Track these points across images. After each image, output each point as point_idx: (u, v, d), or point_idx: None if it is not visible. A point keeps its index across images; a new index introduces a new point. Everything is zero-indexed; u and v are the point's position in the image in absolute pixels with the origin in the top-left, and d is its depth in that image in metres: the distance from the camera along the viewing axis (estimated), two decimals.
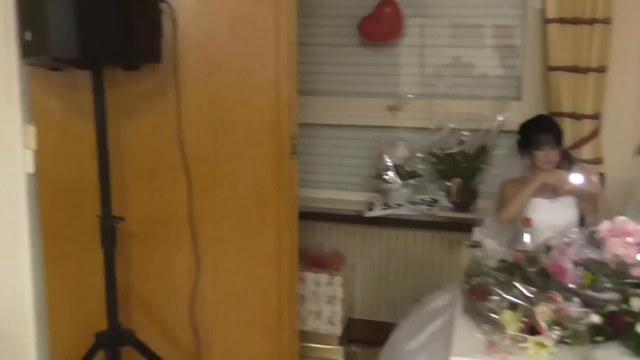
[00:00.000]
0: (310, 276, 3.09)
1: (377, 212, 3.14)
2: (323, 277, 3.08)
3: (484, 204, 3.03)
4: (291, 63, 2.25)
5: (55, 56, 1.89)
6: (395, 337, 2.63)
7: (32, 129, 2.30)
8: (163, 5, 2.17)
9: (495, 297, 1.74)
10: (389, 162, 3.13)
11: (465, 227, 2.70)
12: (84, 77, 2.25)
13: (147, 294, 2.42)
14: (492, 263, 1.94)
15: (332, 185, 3.42)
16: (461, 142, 3.07)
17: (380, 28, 3.10)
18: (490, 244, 2.41)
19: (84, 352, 2.22)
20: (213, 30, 2.24)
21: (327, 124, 3.35)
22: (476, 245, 2.43)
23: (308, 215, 3.04)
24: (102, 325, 2.25)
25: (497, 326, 1.69)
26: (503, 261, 1.96)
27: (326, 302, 3.10)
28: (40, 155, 2.33)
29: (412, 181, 3.13)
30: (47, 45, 1.88)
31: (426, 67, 3.23)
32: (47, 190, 2.36)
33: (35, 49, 1.94)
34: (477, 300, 1.79)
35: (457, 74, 3.19)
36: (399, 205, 3.13)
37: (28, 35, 1.94)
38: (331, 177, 3.43)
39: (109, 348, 2.20)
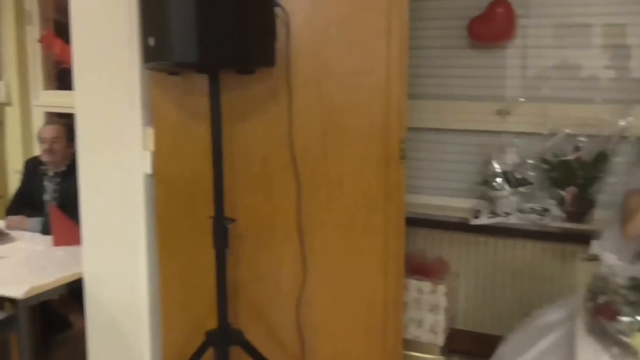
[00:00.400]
0: (413, 283, 3.03)
1: (484, 220, 3.04)
2: (426, 285, 3.02)
3: (601, 215, 2.85)
4: (402, 66, 2.21)
5: (177, 61, 1.95)
6: (503, 351, 2.52)
7: (150, 131, 2.40)
8: (278, 10, 2.19)
9: (625, 319, 1.62)
10: (497, 168, 3.02)
11: (580, 238, 2.56)
12: (200, 81, 2.33)
13: (255, 295, 2.46)
14: (620, 280, 1.81)
15: (436, 191, 3.34)
16: (577, 149, 2.90)
17: (491, 29, 2.99)
18: (609, 258, 2.25)
19: (194, 348, 2.28)
20: (324, 33, 2.23)
21: (431, 127, 3.28)
22: (593, 258, 2.28)
23: (411, 221, 2.96)
24: (212, 323, 2.30)
25: (628, 350, 1.57)
26: (634, 279, 1.82)
27: (428, 311, 3.03)
28: (157, 157, 2.42)
29: (522, 189, 3.00)
30: (169, 51, 1.95)
31: (537, 69, 3.08)
32: (163, 191, 2.45)
33: (157, 54, 2.02)
34: (604, 320, 1.67)
35: (570, 76, 3.03)
36: (507, 213, 3.01)
37: (151, 41, 2.02)
38: (435, 182, 3.35)
39: (219, 347, 2.25)
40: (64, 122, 3.34)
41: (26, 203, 3.32)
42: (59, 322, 3.47)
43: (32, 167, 3.33)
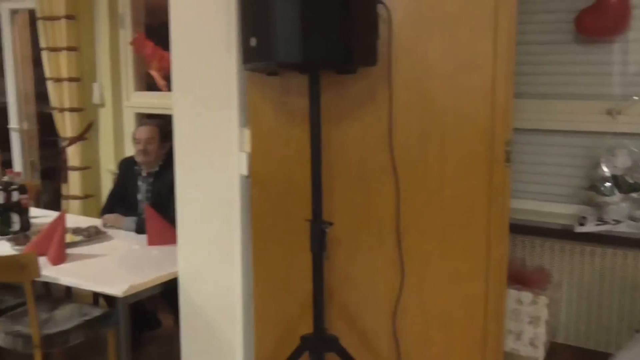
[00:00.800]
0: (512, 293, 2.87)
1: (590, 227, 2.84)
2: (526, 295, 2.86)
3: None
4: (509, 64, 2.08)
5: (280, 61, 1.91)
6: None
7: (247, 132, 2.37)
8: (380, 7, 2.12)
9: None
10: (606, 172, 2.82)
11: None
12: (297, 81, 2.29)
13: (348, 300, 2.39)
14: None
15: (537, 195, 3.16)
16: None
17: (602, 21, 2.79)
18: None
19: (286, 351, 2.24)
20: (426, 31, 2.14)
21: (534, 128, 3.10)
22: None
23: (511, 228, 2.82)
24: (304, 327, 2.26)
25: None
26: None
27: (528, 323, 2.87)
28: (253, 158, 2.40)
29: (634, 194, 2.79)
30: (272, 51, 1.91)
31: None
32: (259, 192, 2.42)
33: (259, 54, 1.98)
34: None
35: None
36: (617, 221, 2.81)
37: (253, 42, 1.98)
38: (536, 187, 3.17)
39: (314, 352, 2.20)
40: (157, 123, 3.40)
41: (120, 202, 3.40)
42: (149, 319, 3.53)
43: (127, 167, 3.40)
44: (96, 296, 3.52)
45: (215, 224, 2.48)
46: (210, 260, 2.52)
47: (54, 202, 4.66)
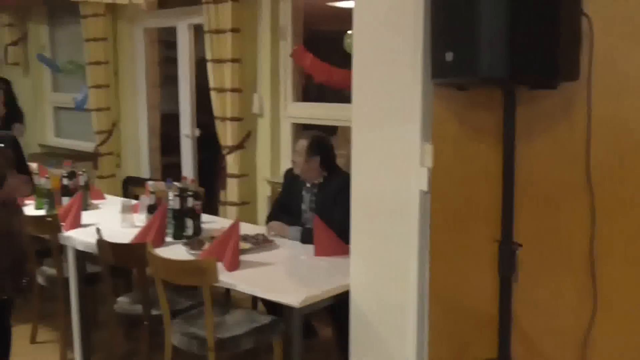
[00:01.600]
0: None
1: None
2: None
3: None
4: None
5: (483, 76, 1.85)
6: None
7: (429, 147, 2.33)
8: (583, 19, 1.99)
9: None
10: None
11: None
12: (484, 96, 2.21)
13: (529, 326, 2.26)
14: None
15: None
16: None
17: None
18: None
19: None
20: (625, 43, 1.97)
21: None
22: None
23: None
24: (479, 351, 2.16)
25: None
26: None
27: None
28: (435, 174, 2.34)
29: None
30: (473, 65, 1.85)
31: None
32: (439, 209, 2.36)
33: (456, 68, 1.93)
34: None
35: None
36: None
37: (448, 56, 1.94)
38: None
39: None
40: (309, 137, 3.42)
41: (285, 211, 3.48)
42: (307, 329, 3.58)
43: (292, 177, 3.48)
44: (255, 301, 3.64)
45: (390, 238, 2.45)
46: (383, 274, 2.49)
47: (210, 207, 4.90)
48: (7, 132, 2.99)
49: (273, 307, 3.08)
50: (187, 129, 5.31)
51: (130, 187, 4.87)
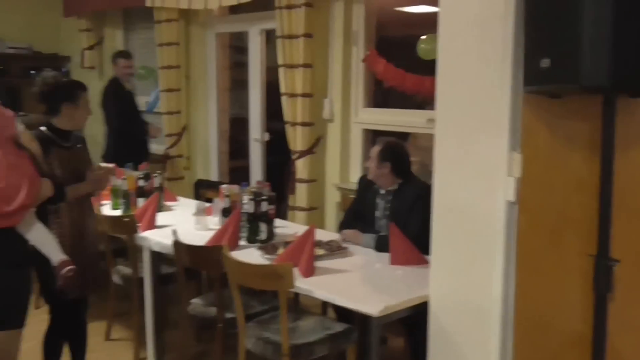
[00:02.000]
0: None
1: None
2: None
3: None
4: None
5: (584, 84, 1.76)
6: None
7: (518, 157, 2.24)
8: None
9: None
10: None
11: None
12: (578, 104, 2.11)
13: (624, 348, 2.14)
14: None
15: None
16: None
17: None
18: None
19: None
20: None
21: None
22: None
23: None
24: None
25: None
26: None
27: None
28: (523, 184, 2.26)
29: None
30: (573, 72, 1.77)
31: None
32: (527, 220, 2.27)
33: (552, 75, 1.85)
34: None
35: None
36: None
37: (545, 63, 1.86)
38: None
39: None
40: (382, 142, 3.38)
41: (358, 218, 3.45)
42: None
43: (366, 184, 3.44)
44: (325, 307, 3.62)
45: (473, 249, 2.38)
46: (466, 287, 2.42)
47: (278, 212, 4.91)
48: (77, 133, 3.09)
49: (344, 315, 3.05)
50: (256, 133, 5.36)
51: (200, 190, 4.94)
